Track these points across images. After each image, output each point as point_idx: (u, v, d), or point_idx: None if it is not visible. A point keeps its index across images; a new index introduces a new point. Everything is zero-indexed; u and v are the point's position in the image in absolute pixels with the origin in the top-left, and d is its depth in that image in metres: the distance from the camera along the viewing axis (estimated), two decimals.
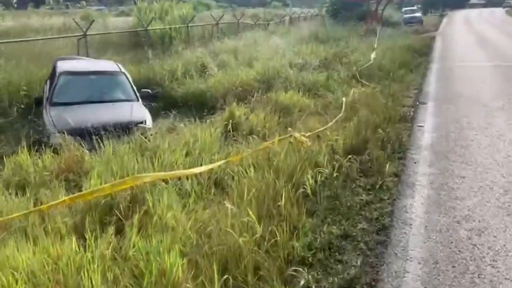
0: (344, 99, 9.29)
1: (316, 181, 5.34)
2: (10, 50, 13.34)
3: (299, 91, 10.14)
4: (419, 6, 57.45)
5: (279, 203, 4.47)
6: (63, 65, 9.55)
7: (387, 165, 6.05)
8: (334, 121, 7.84)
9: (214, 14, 25.62)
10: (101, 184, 4.91)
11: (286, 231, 4.11)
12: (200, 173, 5.27)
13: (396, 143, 7.12)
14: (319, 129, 7.21)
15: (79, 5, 51.39)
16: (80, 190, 5.02)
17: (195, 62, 14.30)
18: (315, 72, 12.53)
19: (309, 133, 6.86)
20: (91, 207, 4.40)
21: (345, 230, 4.46)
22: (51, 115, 8.07)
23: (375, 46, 17.45)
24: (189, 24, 18.91)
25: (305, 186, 5.01)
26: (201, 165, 5.67)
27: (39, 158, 6.30)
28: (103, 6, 53.61)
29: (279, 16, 34.27)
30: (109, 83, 9.34)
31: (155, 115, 10.39)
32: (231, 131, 7.68)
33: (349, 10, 32.94)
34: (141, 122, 8.23)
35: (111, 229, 3.97)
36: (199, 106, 10.89)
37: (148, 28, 16.47)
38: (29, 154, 6.30)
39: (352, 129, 7.27)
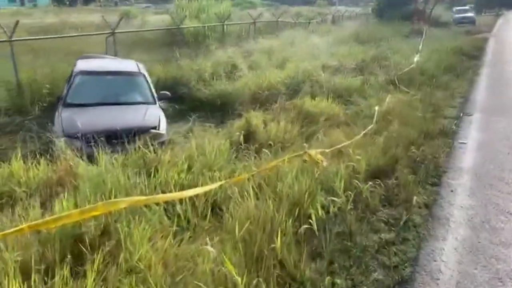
0: (377, 108, 8.27)
1: (328, 212, 4.47)
2: (41, 47, 13.16)
3: (328, 97, 9.19)
4: (472, 5, 54.18)
5: (273, 245, 3.63)
6: (81, 64, 9.07)
7: (417, 193, 5.07)
8: (362, 134, 6.88)
9: (257, 12, 24.95)
10: (77, 206, 4.26)
11: (277, 283, 3.28)
12: (196, 196, 4.52)
13: (431, 164, 6.08)
14: (342, 144, 6.28)
15: (127, 2, 52.07)
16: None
17: (226, 62, 13.59)
18: (349, 75, 11.48)
19: (329, 149, 5.97)
20: (55, 237, 3.74)
21: (353, 282, 3.57)
22: (62, 117, 7.57)
23: (420, 48, 16.12)
24: (225, 23, 18.24)
25: (310, 221, 4.13)
26: (201, 184, 4.92)
27: (36, 166, 5.75)
28: (151, 4, 54.06)
29: (322, 14, 33.04)
30: (126, 84, 8.76)
31: (177, 117, 9.80)
32: (244, 142, 6.89)
33: (396, 9, 31.26)
34: (154, 127, 7.57)
35: (66, 271, 3.28)
36: (223, 109, 10.21)
37: (182, 26, 15.91)
38: (24, 162, 5.77)
39: (380, 145, 6.29)
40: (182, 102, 11.18)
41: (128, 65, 9.36)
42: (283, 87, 10.53)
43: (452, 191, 5.41)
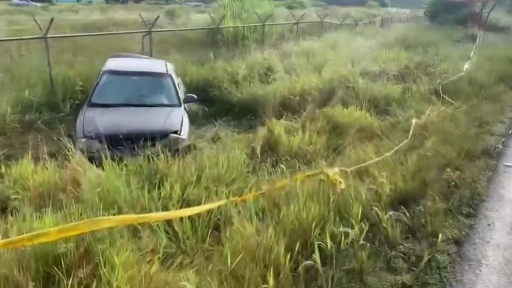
0: (414, 120, 7.55)
1: (339, 242, 3.93)
2: (81, 44, 13.24)
3: (363, 106, 8.53)
4: None
5: (265, 286, 3.16)
6: (110, 63, 8.91)
7: (447, 226, 4.42)
8: (393, 150, 6.23)
9: (307, 13, 24.31)
10: (66, 220, 3.95)
11: None
12: (198, 214, 4.12)
13: (468, 190, 5.36)
14: (368, 162, 5.68)
15: (177, 1, 52.62)
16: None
17: (261, 64, 13.14)
18: (390, 83, 10.71)
19: (352, 167, 5.39)
20: (30, 256, 3.44)
21: None
22: (84, 117, 7.40)
23: (471, 54, 14.98)
24: (266, 23, 17.77)
25: (314, 255, 3.60)
26: (204, 201, 4.50)
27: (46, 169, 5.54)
28: (201, 2, 54.41)
29: (370, 16, 31.84)
30: (153, 85, 8.50)
31: (205, 120, 9.47)
32: (265, 152, 6.45)
33: (450, 12, 29.57)
34: (175, 132, 7.24)
35: None
36: (253, 114, 9.77)
37: (220, 26, 15.60)
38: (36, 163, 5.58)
39: (411, 165, 5.63)
40: (213, 104, 10.86)
41: (156, 65, 9.10)
42: (316, 92, 9.95)
43: (489, 225, 4.69)
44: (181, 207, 4.50)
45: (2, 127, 8.36)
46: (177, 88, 8.46)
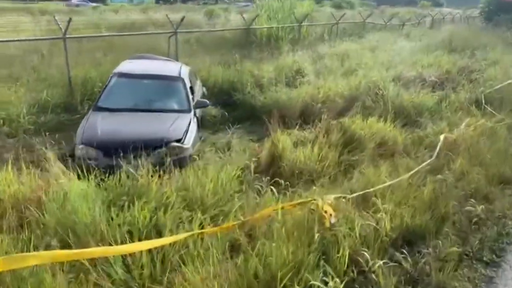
0: (442, 136, 6.54)
1: None
2: (109, 44, 13.04)
3: (387, 116, 7.58)
4: None
5: None
6: (121, 66, 8.51)
7: (459, 276, 3.53)
8: (411, 172, 5.32)
9: (354, 13, 23.19)
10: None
11: None
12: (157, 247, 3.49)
13: (494, 228, 4.39)
14: (378, 186, 4.82)
15: (227, 1, 52.42)
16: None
17: (290, 66, 12.36)
18: (425, 90, 9.59)
19: (354, 194, 4.57)
20: None
21: None
22: (87, 122, 7.01)
23: None
24: (303, 24, 16.93)
25: None
26: (168, 231, 3.87)
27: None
28: (250, 2, 54.01)
29: (420, 16, 29.99)
30: (162, 89, 7.99)
31: (223, 126, 8.85)
32: (260, 171, 5.73)
33: (507, 13, 27.24)
34: (178, 140, 6.67)
35: None
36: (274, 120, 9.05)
37: (252, 27, 14.94)
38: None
39: (428, 192, 4.72)
40: (235, 109, 10.26)
41: (170, 68, 8.57)
42: (340, 99, 9.07)
43: None
44: (147, 236, 3.91)
45: (15, 129, 8.17)
46: (188, 93, 7.89)
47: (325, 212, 3.87)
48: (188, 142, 6.77)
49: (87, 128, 6.78)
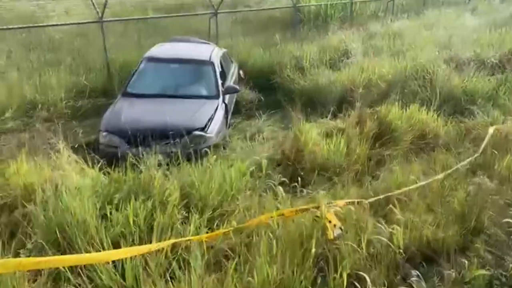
0: (491, 129, 5.71)
1: None
2: (155, 26, 12.92)
3: (432, 104, 6.77)
4: None
5: None
6: (153, 49, 8.31)
7: None
8: (446, 172, 4.64)
9: None
10: None
11: None
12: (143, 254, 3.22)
13: None
14: (403, 189, 4.22)
15: None
16: None
17: (336, 47, 11.58)
18: (482, 73, 8.51)
19: (372, 199, 4.02)
20: None
21: None
22: (114, 108, 6.91)
23: None
24: (354, 0, 15.85)
25: None
26: (157, 235, 3.57)
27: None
28: None
29: None
30: (190, 74, 7.70)
31: (257, 112, 8.43)
32: (287, 162, 5.29)
33: None
34: (201, 129, 6.39)
35: None
36: (311, 106, 8.50)
37: (299, 5, 14.17)
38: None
39: (461, 198, 4.06)
40: (272, 93, 9.80)
41: (201, 51, 8.23)
42: (384, 84, 8.29)
43: None
44: (140, 238, 3.65)
45: (52, 113, 8.27)
46: (217, 78, 7.53)
47: (329, 222, 3.39)
48: (212, 131, 6.47)
49: (112, 114, 6.68)
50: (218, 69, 7.72)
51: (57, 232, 3.57)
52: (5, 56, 10.28)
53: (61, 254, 3.51)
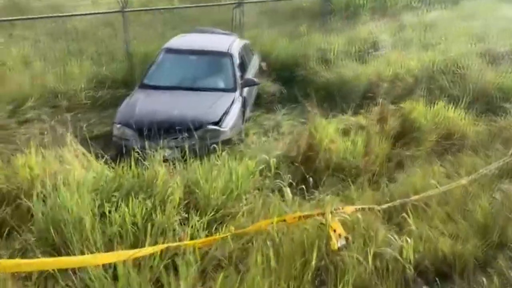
0: None
1: None
2: (183, 16, 12.78)
3: (461, 101, 6.31)
4: None
5: None
6: (172, 40, 8.17)
7: None
8: (470, 177, 4.26)
9: None
10: None
11: None
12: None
13: None
14: (421, 195, 3.89)
15: None
16: None
17: (365, 39, 11.12)
18: None
19: (385, 205, 3.71)
20: None
21: None
22: (130, 100, 6.82)
23: None
24: None
25: None
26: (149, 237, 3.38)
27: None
28: None
29: None
30: (208, 66, 7.51)
31: (277, 105, 8.17)
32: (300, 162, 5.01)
33: None
34: (215, 123, 6.20)
35: None
36: (334, 100, 8.19)
37: None
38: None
39: (484, 207, 3.69)
40: (295, 85, 9.50)
41: (221, 42, 8.00)
42: (411, 78, 7.84)
43: None
44: (134, 241, 3.49)
45: (72, 103, 8.28)
46: (235, 70, 7.31)
47: (334, 231, 3.12)
48: (227, 125, 6.27)
49: (127, 106, 6.59)
50: (236, 61, 7.50)
51: (52, 230, 3.45)
52: (32, 45, 10.39)
53: (56, 253, 3.40)
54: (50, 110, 8.01)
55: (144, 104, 6.53)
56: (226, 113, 6.41)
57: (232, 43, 7.93)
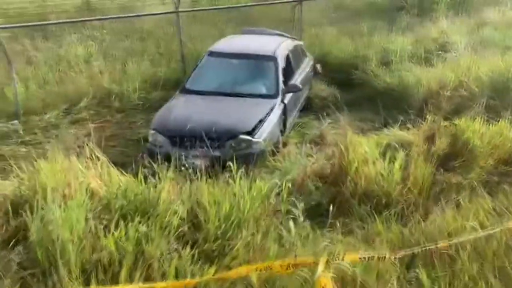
0: None
1: None
2: (247, 15, 12.49)
3: None
4: None
5: None
6: (217, 43, 7.86)
7: None
8: None
9: None
10: None
11: None
12: None
13: None
14: (446, 242, 3.19)
15: None
16: None
17: (435, 38, 10.04)
18: None
19: (401, 253, 3.09)
20: None
21: None
22: (168, 105, 6.66)
23: None
24: None
25: None
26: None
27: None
28: None
29: None
30: (251, 70, 7.11)
31: (329, 111, 7.59)
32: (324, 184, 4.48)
33: None
34: (247, 133, 5.80)
35: None
36: (389, 109, 7.41)
37: None
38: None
39: None
40: (352, 90, 8.85)
41: (267, 45, 7.50)
42: (477, 87, 6.81)
43: None
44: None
45: (124, 104, 8.35)
46: (279, 75, 6.84)
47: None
48: (261, 135, 5.82)
49: (163, 112, 6.41)
50: (281, 65, 7.01)
51: (38, 250, 3.33)
52: (97, 45, 10.71)
53: (41, 275, 3.27)
54: (102, 110, 8.15)
55: (179, 110, 6.32)
56: (261, 121, 5.98)
57: (279, 45, 7.46)
